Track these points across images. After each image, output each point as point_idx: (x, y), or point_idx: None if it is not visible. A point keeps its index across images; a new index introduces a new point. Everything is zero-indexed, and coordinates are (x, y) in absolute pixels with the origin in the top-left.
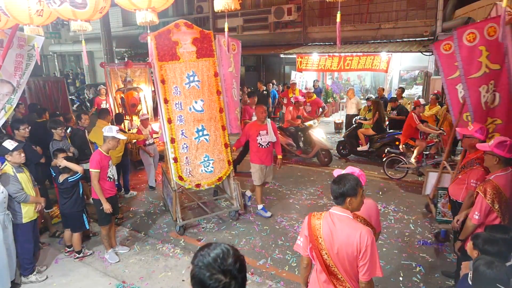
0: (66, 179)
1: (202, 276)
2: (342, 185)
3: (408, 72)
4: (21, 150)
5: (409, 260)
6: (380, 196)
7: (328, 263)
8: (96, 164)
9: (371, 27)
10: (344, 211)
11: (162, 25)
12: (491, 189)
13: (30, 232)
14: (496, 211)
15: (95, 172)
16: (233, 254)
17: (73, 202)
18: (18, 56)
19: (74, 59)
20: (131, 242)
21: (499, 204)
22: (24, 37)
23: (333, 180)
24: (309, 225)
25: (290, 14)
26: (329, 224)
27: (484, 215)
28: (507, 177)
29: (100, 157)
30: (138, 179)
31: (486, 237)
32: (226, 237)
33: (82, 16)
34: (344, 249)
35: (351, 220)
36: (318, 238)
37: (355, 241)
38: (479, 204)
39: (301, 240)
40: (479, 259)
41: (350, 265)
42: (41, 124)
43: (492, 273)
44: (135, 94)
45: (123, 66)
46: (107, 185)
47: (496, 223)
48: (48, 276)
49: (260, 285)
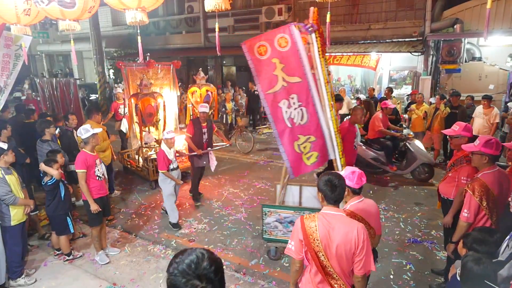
0: (46, 182)
1: (178, 283)
2: (339, 192)
3: (398, 72)
4: (11, 150)
5: (399, 258)
6: (371, 195)
7: (325, 264)
8: (81, 164)
9: (361, 28)
10: (337, 210)
11: (152, 25)
12: (479, 187)
13: (18, 235)
14: (484, 208)
15: (81, 172)
16: (208, 258)
17: (56, 205)
18: (5, 56)
19: (63, 59)
20: (121, 243)
21: (487, 201)
22: (11, 36)
23: (328, 187)
24: (303, 228)
25: (280, 14)
26: (325, 224)
27: (474, 213)
28: (494, 175)
29: (85, 156)
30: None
31: (475, 236)
32: (218, 237)
33: (70, 16)
34: (342, 247)
35: (345, 217)
36: (315, 240)
37: (353, 237)
38: (468, 202)
39: (292, 243)
40: (467, 255)
41: (347, 262)
42: (29, 125)
43: (480, 270)
44: (152, 102)
45: (143, 66)
46: (96, 185)
47: (484, 221)
48: (37, 279)
49: (252, 285)
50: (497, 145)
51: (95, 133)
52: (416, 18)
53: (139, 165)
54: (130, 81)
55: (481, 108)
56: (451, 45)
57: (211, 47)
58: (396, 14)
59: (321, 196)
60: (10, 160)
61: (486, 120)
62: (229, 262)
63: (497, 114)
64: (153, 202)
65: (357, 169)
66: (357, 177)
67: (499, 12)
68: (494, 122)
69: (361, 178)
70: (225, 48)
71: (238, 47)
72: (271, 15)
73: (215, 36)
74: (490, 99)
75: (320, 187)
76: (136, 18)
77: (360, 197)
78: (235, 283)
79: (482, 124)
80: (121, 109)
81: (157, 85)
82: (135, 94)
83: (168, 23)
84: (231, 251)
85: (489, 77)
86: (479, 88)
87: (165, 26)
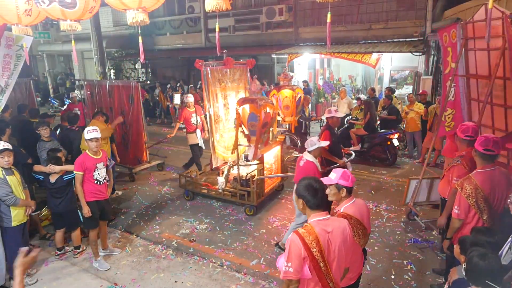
0: (60, 178)
1: None
2: (321, 196)
3: (399, 72)
4: (8, 151)
5: (400, 258)
6: (372, 195)
7: (325, 273)
8: (79, 166)
9: (362, 28)
10: (325, 214)
11: (153, 25)
12: (468, 184)
13: (19, 236)
14: (473, 205)
15: (77, 174)
16: None
17: (69, 200)
18: (6, 56)
19: (64, 59)
20: (122, 243)
21: (475, 199)
22: (12, 37)
23: (310, 192)
24: (305, 246)
25: (281, 14)
26: (323, 232)
27: (464, 210)
28: (486, 174)
29: (84, 159)
30: None
31: (472, 240)
32: (219, 237)
33: (71, 16)
34: (343, 246)
35: (333, 218)
36: (317, 253)
37: (347, 232)
38: (458, 199)
39: (289, 265)
40: (473, 250)
41: (346, 259)
42: (30, 124)
43: (486, 265)
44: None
45: (220, 66)
46: (93, 188)
47: (476, 220)
48: (38, 279)
49: (253, 285)
50: (495, 143)
51: (93, 137)
52: (417, 18)
53: (231, 187)
54: (211, 82)
55: None
56: None
57: (212, 47)
58: (397, 14)
59: (302, 203)
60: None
61: None
62: (230, 262)
63: None
64: (154, 202)
65: (345, 169)
66: (350, 176)
67: None
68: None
69: (352, 177)
70: (226, 48)
71: (239, 47)
72: (271, 15)
73: (215, 36)
74: None
75: (301, 193)
76: (137, 19)
77: (352, 198)
78: (236, 283)
79: None
80: (193, 118)
81: (233, 88)
82: (248, 99)
83: (169, 23)
84: (232, 251)
85: None
86: None
87: (166, 26)
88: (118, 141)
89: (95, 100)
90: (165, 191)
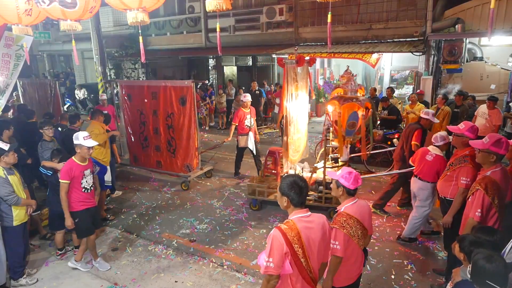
0: None
1: None
2: (305, 194)
3: (399, 72)
4: (13, 151)
5: (400, 258)
6: (372, 195)
7: (306, 267)
8: (65, 174)
9: (362, 28)
10: (306, 211)
11: (153, 25)
12: (492, 185)
13: (20, 235)
14: (495, 206)
15: (63, 183)
16: None
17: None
18: (5, 56)
19: (64, 59)
20: (122, 243)
21: (498, 199)
22: (12, 36)
23: (295, 190)
24: (287, 241)
25: (281, 14)
26: (305, 228)
27: (486, 211)
28: (501, 173)
29: (71, 166)
30: None
31: (472, 239)
32: (219, 237)
33: (72, 16)
34: (322, 241)
35: (314, 214)
36: (298, 249)
37: (326, 226)
38: (481, 200)
39: (270, 260)
40: (478, 253)
41: (325, 253)
42: (30, 125)
43: (493, 267)
44: (355, 109)
45: (294, 64)
46: (82, 197)
47: (494, 219)
48: (38, 279)
49: (253, 285)
50: (507, 145)
51: (82, 144)
52: (417, 18)
53: (315, 192)
54: (290, 80)
55: (485, 108)
56: (452, 45)
57: (212, 47)
58: (397, 14)
59: (286, 201)
60: (11, 161)
61: (488, 121)
62: (230, 262)
63: (500, 116)
64: (154, 202)
65: (353, 170)
66: (353, 178)
67: (501, 12)
68: (496, 124)
69: (357, 180)
70: (226, 48)
71: (239, 47)
72: (272, 15)
73: (216, 36)
74: (495, 101)
75: (285, 191)
76: (137, 18)
77: (354, 199)
78: (236, 283)
79: (483, 124)
80: (247, 120)
81: (301, 87)
82: (339, 98)
83: (169, 23)
84: (232, 251)
85: (491, 77)
86: (480, 88)
87: (166, 26)
88: (163, 148)
89: (134, 103)
90: (165, 191)
